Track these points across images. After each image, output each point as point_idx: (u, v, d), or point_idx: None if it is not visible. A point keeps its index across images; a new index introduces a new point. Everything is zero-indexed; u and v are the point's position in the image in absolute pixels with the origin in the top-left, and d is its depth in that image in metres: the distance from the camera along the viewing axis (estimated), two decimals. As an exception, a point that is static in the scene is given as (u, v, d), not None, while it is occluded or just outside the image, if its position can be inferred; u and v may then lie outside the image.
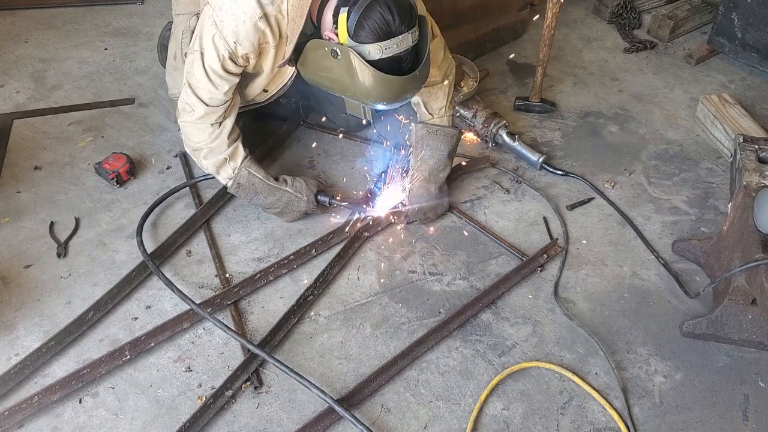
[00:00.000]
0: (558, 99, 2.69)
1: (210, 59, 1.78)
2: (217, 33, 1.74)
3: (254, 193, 2.00)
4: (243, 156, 1.97)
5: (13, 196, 2.17)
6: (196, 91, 1.84)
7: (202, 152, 1.94)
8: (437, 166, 2.06)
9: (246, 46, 1.76)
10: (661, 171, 2.35)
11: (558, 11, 2.34)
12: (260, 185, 1.99)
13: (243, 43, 1.75)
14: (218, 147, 1.92)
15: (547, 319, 1.83)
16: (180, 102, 1.90)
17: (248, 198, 2.01)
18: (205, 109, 1.85)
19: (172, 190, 2.14)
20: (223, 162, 1.95)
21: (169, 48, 2.24)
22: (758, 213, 1.63)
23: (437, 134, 2.05)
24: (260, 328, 1.79)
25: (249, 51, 1.77)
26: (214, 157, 1.94)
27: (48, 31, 3.05)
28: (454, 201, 2.19)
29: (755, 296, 1.65)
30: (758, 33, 2.72)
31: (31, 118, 2.50)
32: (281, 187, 2.01)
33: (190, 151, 1.98)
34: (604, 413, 1.61)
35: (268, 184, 2.00)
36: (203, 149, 1.93)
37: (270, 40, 1.78)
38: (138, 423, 1.57)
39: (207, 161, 1.95)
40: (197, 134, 1.91)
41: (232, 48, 1.75)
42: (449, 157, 2.09)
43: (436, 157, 2.06)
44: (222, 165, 1.95)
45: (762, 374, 1.71)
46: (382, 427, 1.58)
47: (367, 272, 1.96)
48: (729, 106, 2.46)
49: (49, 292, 1.87)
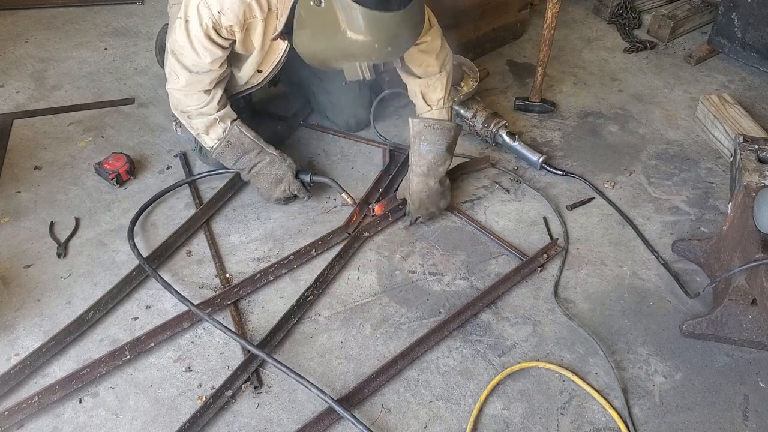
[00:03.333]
0: (558, 99, 2.69)
1: (194, 27, 1.78)
2: (202, 2, 1.75)
3: (242, 152, 2.01)
4: (233, 117, 1.99)
5: (13, 196, 2.17)
6: (180, 58, 1.85)
7: (190, 113, 1.95)
8: (436, 160, 2.04)
9: (230, 18, 1.76)
10: (661, 171, 2.35)
11: (558, 11, 2.35)
12: (249, 144, 2.01)
13: (227, 14, 1.75)
14: (208, 111, 1.94)
15: (547, 319, 1.83)
16: (166, 68, 1.92)
17: (234, 158, 2.02)
18: (188, 77, 1.86)
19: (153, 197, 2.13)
20: (213, 122, 1.96)
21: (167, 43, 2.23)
22: (758, 213, 1.63)
23: (435, 128, 2.02)
24: (260, 328, 1.79)
25: (233, 23, 1.77)
26: (204, 118, 1.95)
27: (48, 31, 3.05)
28: (454, 201, 2.19)
29: (755, 296, 1.65)
30: (758, 33, 2.72)
31: (31, 118, 2.50)
32: (269, 149, 2.04)
33: (178, 113, 1.98)
34: (604, 413, 1.61)
35: (258, 143, 2.02)
36: (192, 113, 1.94)
37: (257, 13, 1.78)
38: (138, 423, 1.57)
39: (196, 121, 1.96)
40: (186, 100, 1.92)
41: (215, 17, 1.75)
42: (448, 150, 2.06)
43: (435, 152, 2.03)
44: (212, 125, 1.97)
45: (762, 374, 1.71)
46: (382, 427, 1.58)
47: (367, 272, 1.96)
48: (729, 106, 2.47)
49: (49, 292, 1.87)
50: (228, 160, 2.05)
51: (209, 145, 2.03)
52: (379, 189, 2.20)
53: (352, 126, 2.44)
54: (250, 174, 2.07)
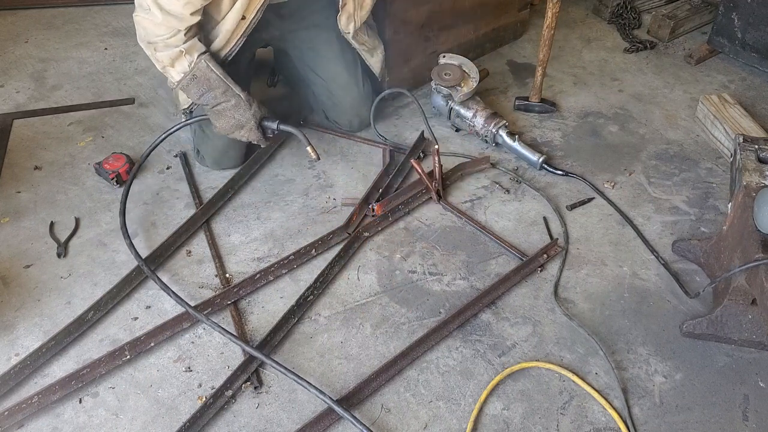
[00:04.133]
0: (558, 99, 2.70)
1: None
2: None
3: (207, 88, 1.93)
4: (201, 50, 1.92)
5: (13, 196, 2.17)
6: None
7: (156, 45, 1.88)
8: None
9: None
10: (661, 171, 2.35)
11: (558, 11, 2.35)
12: (216, 81, 1.93)
13: None
14: (175, 42, 1.86)
15: (547, 319, 1.83)
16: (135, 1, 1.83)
17: (198, 94, 1.95)
18: (162, 16, 1.78)
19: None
20: (178, 54, 1.88)
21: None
22: (758, 213, 1.63)
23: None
24: (260, 328, 1.79)
25: None
26: (169, 50, 1.87)
27: (48, 31, 3.05)
28: (454, 201, 2.19)
29: (755, 296, 1.65)
30: (758, 33, 2.72)
31: (31, 118, 2.50)
32: (235, 89, 1.96)
33: (144, 44, 1.91)
34: (604, 413, 1.61)
35: (224, 81, 1.94)
36: (158, 43, 1.87)
37: None
38: (138, 423, 1.57)
39: (161, 53, 1.89)
40: (154, 29, 1.84)
41: None
42: None
43: None
44: (177, 57, 1.89)
45: (762, 374, 1.71)
46: (382, 427, 1.58)
47: (367, 272, 1.96)
48: (729, 106, 2.47)
49: (49, 292, 1.87)
50: (193, 94, 1.97)
51: (175, 79, 1.94)
52: (379, 189, 2.20)
53: (355, 126, 2.44)
54: (212, 111, 2.00)
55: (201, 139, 2.22)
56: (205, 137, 2.20)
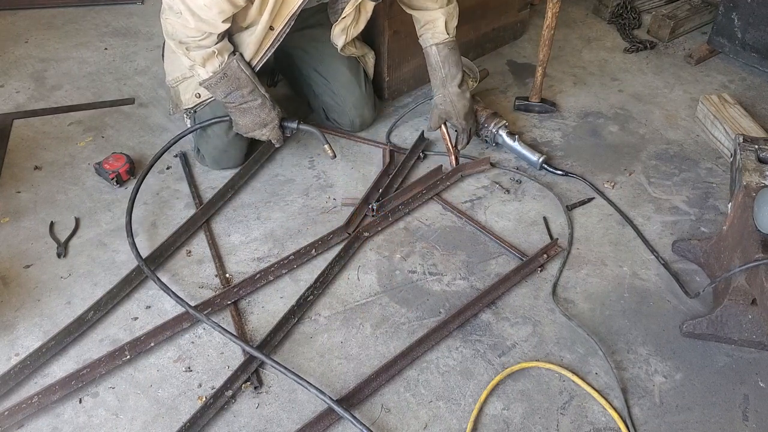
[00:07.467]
0: (558, 99, 2.70)
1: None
2: None
3: (236, 87, 1.99)
4: (231, 49, 1.98)
5: (13, 196, 2.17)
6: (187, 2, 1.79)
7: (188, 45, 1.91)
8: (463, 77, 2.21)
9: None
10: (661, 171, 2.35)
11: (558, 11, 2.35)
12: (245, 80, 1.99)
13: None
14: (207, 43, 1.91)
15: (547, 319, 1.83)
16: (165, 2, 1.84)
17: (225, 92, 2.00)
18: (194, 22, 1.82)
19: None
20: (210, 55, 1.93)
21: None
22: (758, 213, 1.63)
23: (456, 50, 2.18)
24: (260, 328, 1.79)
25: None
26: (202, 51, 1.92)
27: (48, 31, 3.05)
28: (454, 201, 2.19)
29: (755, 296, 1.65)
30: (758, 33, 2.72)
31: (31, 118, 2.50)
32: (261, 89, 2.03)
33: (174, 43, 1.93)
34: (604, 413, 1.61)
35: (252, 81, 2.01)
36: (190, 44, 1.90)
37: None
38: (138, 423, 1.57)
39: (193, 53, 1.92)
40: (185, 31, 1.87)
41: None
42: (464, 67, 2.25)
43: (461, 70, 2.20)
44: (209, 58, 1.93)
45: (762, 374, 1.71)
46: (382, 427, 1.58)
47: (367, 272, 1.96)
48: (729, 106, 2.47)
49: (49, 292, 1.87)
50: (219, 93, 2.01)
51: (203, 77, 1.98)
52: (379, 189, 2.20)
53: (356, 126, 2.44)
54: (237, 108, 2.04)
55: (201, 139, 2.23)
56: (206, 137, 2.21)
